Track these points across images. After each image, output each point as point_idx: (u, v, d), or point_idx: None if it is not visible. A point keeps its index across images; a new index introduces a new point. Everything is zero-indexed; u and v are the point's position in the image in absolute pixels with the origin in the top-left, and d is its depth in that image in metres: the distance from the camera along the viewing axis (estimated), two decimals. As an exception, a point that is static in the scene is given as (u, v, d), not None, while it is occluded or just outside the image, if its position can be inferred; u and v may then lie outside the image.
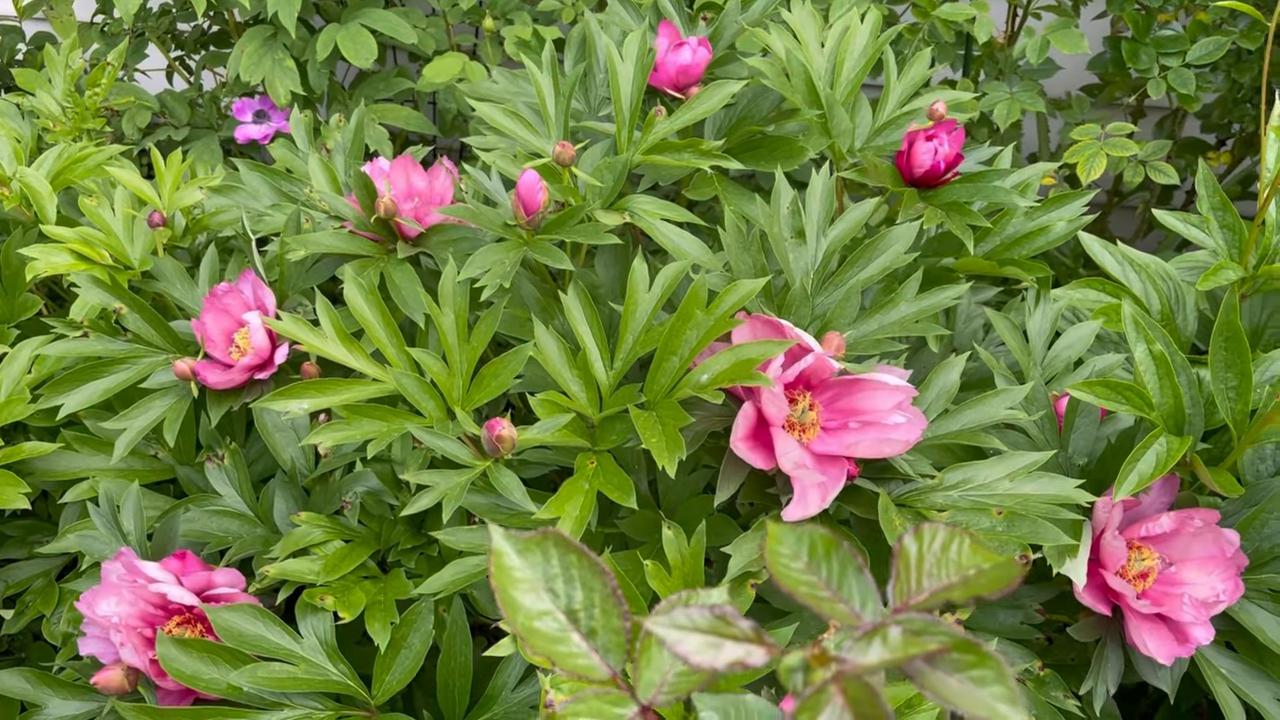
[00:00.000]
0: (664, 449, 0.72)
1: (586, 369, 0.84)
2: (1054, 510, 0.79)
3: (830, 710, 0.31)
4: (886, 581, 0.37)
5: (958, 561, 0.38)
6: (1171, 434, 0.86)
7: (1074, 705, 0.87)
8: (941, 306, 0.86)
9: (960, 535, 0.38)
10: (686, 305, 0.80)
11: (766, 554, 0.37)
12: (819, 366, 0.79)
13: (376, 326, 0.82)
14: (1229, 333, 0.85)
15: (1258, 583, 0.89)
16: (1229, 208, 1.05)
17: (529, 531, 0.43)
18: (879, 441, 0.78)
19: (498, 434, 0.74)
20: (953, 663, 0.34)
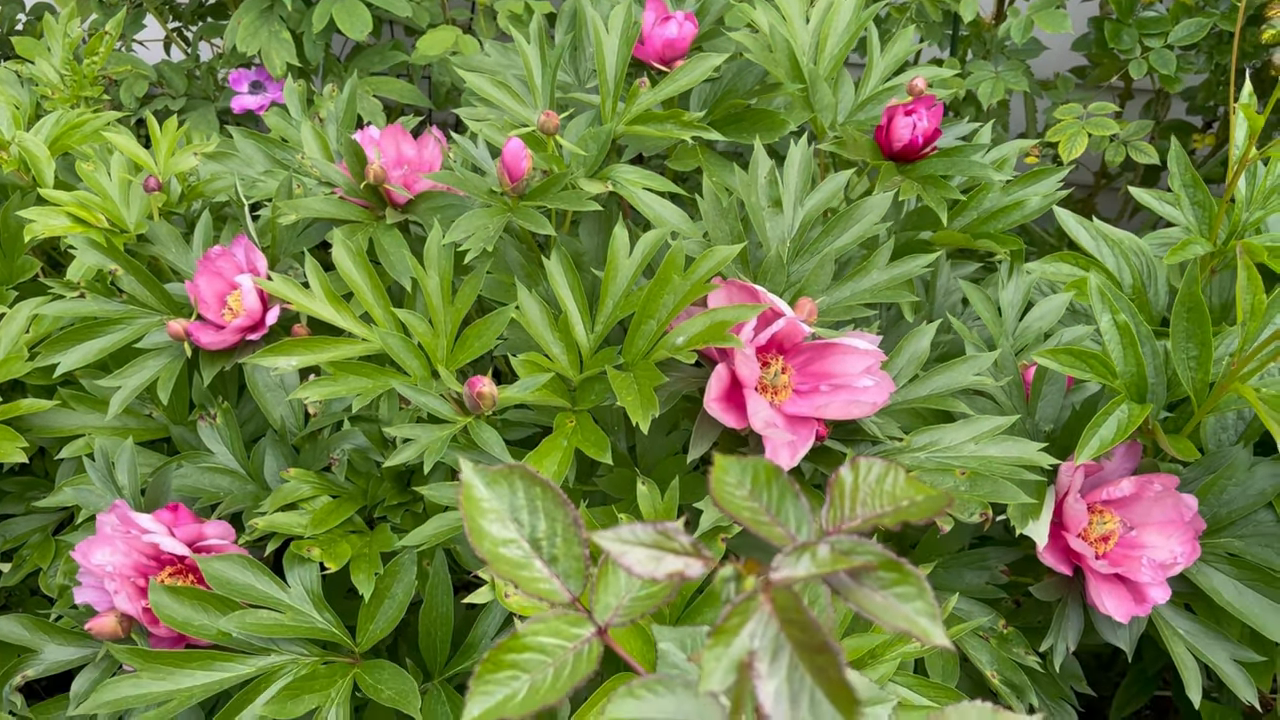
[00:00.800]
0: (638, 407, 0.75)
1: (568, 332, 0.86)
2: (1016, 472, 0.82)
3: (759, 616, 0.34)
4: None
5: (891, 492, 0.41)
6: (1134, 402, 0.89)
7: (1035, 662, 0.90)
8: (912, 275, 0.88)
9: (895, 469, 0.41)
10: (664, 270, 0.82)
11: (713, 482, 0.40)
12: (791, 331, 0.82)
13: (364, 288, 0.84)
14: (1191, 304, 0.88)
15: (1215, 546, 0.92)
16: (1200, 185, 1.07)
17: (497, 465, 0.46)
18: (848, 403, 0.81)
19: (478, 391, 0.77)
20: (879, 579, 0.36)
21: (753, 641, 0.33)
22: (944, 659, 0.87)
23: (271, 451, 0.97)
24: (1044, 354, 0.86)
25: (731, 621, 0.33)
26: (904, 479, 0.41)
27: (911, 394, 0.89)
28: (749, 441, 0.85)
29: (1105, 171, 1.92)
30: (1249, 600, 0.90)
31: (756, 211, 0.89)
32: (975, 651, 0.89)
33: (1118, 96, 1.96)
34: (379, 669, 0.81)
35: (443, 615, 0.84)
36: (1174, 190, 1.07)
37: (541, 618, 0.43)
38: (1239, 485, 0.92)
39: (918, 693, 0.78)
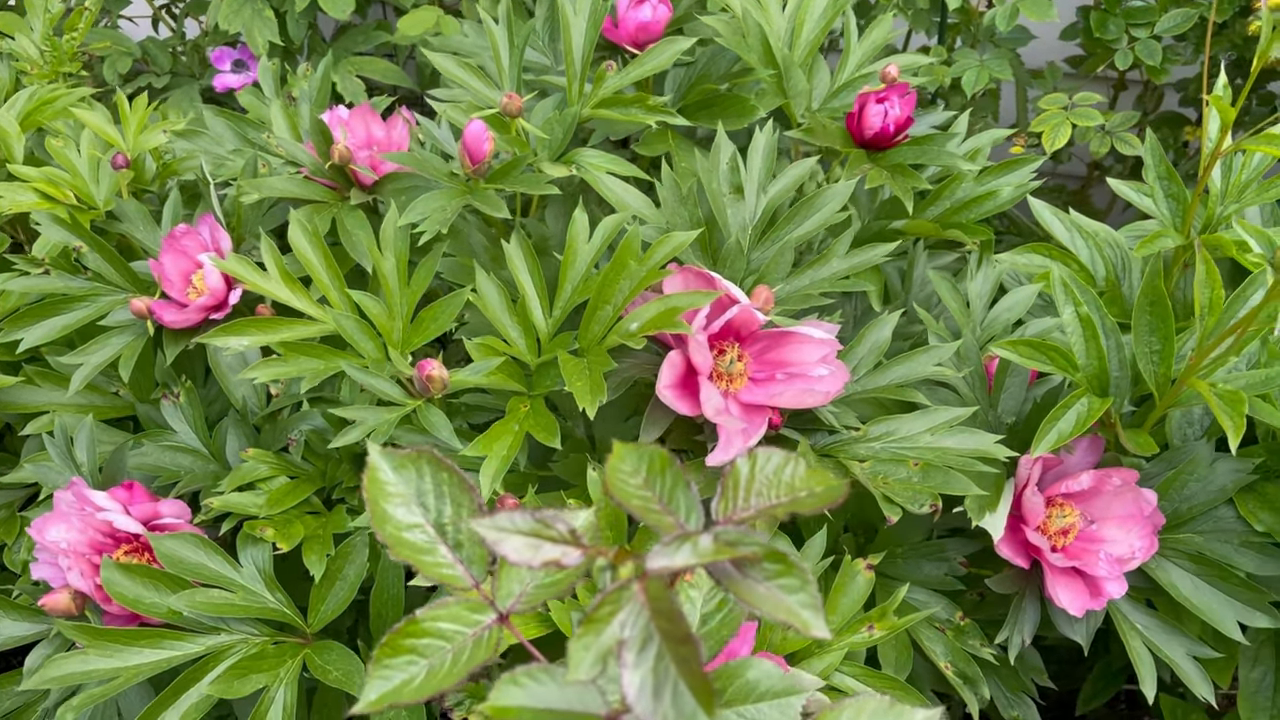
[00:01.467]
0: (587, 392, 0.75)
1: (525, 315, 0.86)
2: (969, 463, 0.82)
3: (631, 606, 0.33)
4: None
5: (789, 483, 0.40)
6: (1095, 395, 0.88)
7: (990, 653, 0.89)
8: (871, 263, 0.88)
9: (795, 459, 0.41)
10: (620, 255, 0.82)
11: (608, 470, 0.39)
12: (745, 318, 0.82)
13: (319, 268, 0.84)
14: (1154, 297, 0.87)
15: (1175, 542, 0.91)
16: (1174, 177, 1.06)
17: (404, 449, 0.46)
18: (801, 392, 0.81)
19: (427, 374, 0.76)
20: (763, 570, 0.36)
21: (623, 631, 0.33)
22: (897, 650, 0.86)
23: (233, 431, 0.97)
24: (1003, 345, 0.86)
25: (603, 610, 0.33)
26: (803, 469, 0.41)
27: (871, 383, 0.89)
28: (704, 429, 0.85)
29: (1099, 164, 1.91)
30: (1206, 596, 0.89)
31: (717, 198, 0.88)
32: (930, 643, 0.88)
33: (1111, 87, 1.95)
34: (328, 650, 0.81)
35: (394, 597, 0.84)
36: (1148, 182, 1.06)
37: (442, 603, 0.43)
38: (1200, 481, 0.91)
39: (864, 683, 0.77)
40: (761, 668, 0.50)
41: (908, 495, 0.78)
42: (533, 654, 0.43)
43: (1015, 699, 1.01)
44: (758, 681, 0.49)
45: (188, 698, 0.77)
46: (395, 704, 0.41)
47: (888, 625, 0.79)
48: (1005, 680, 1.01)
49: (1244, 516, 0.89)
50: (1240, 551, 0.89)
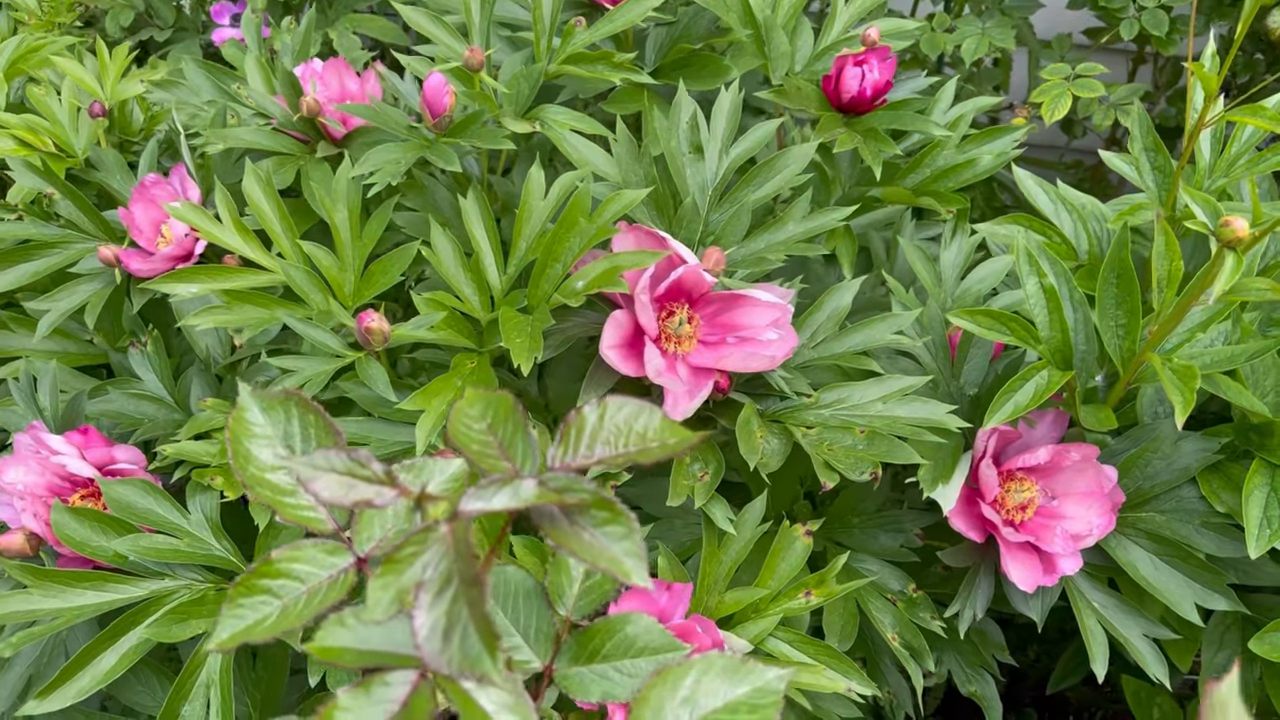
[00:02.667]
0: (524, 349, 0.74)
1: (479, 272, 0.85)
2: (919, 432, 0.81)
3: (436, 547, 0.33)
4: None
5: (641, 433, 0.40)
6: (1057, 369, 0.86)
7: (939, 626, 0.88)
8: (827, 228, 0.86)
9: (650, 411, 0.40)
10: (569, 213, 0.81)
11: (453, 415, 0.39)
12: (694, 280, 0.81)
13: (272, 219, 0.84)
14: (1120, 270, 0.85)
15: (1137, 520, 0.90)
16: (1160, 148, 1.03)
17: (276, 390, 0.45)
18: (747, 356, 0.80)
19: (365, 326, 0.76)
20: (590, 517, 0.36)
21: (424, 573, 0.32)
22: (843, 619, 0.86)
23: (197, 381, 0.98)
24: (961, 314, 0.84)
25: (406, 551, 0.33)
26: (658, 420, 0.40)
27: (828, 350, 0.88)
28: (651, 391, 0.84)
29: (1115, 139, 1.87)
30: (1165, 576, 0.87)
31: (675, 157, 0.87)
32: (878, 613, 0.88)
33: (1130, 60, 1.90)
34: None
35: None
36: (1133, 154, 1.04)
37: (298, 545, 0.43)
38: (1164, 459, 0.89)
39: (798, 649, 0.77)
40: (641, 623, 0.49)
41: (850, 462, 0.77)
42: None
43: (974, 674, 1.00)
44: (636, 637, 0.49)
45: (127, 640, 0.78)
46: (247, 641, 0.41)
47: (825, 592, 0.78)
48: (965, 655, 1.00)
49: (1206, 497, 0.87)
50: (1201, 532, 0.87)
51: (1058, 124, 1.93)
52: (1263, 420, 0.86)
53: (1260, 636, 0.84)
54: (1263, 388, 0.90)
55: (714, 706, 0.40)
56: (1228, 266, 0.68)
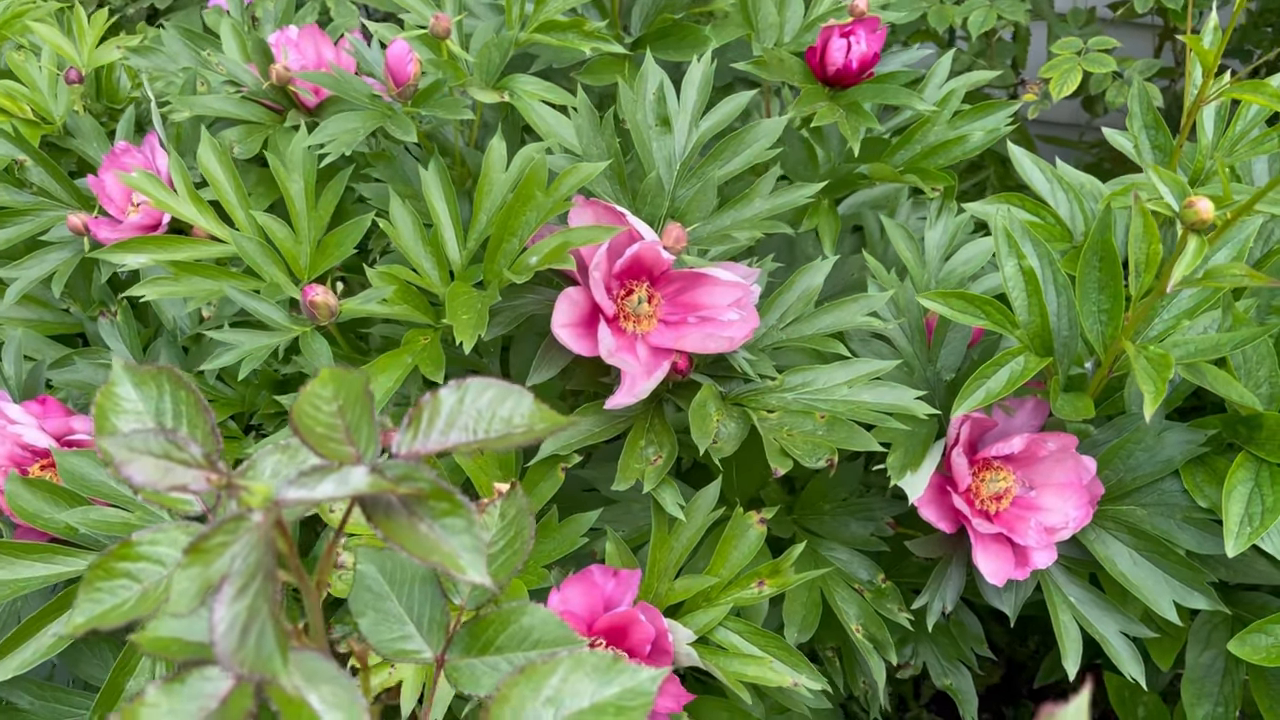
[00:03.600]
0: (468, 326, 0.72)
1: (438, 246, 0.83)
2: (882, 418, 0.78)
3: (247, 537, 0.31)
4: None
5: (506, 418, 0.38)
6: (1037, 354, 0.83)
7: (906, 618, 0.86)
8: (795, 204, 0.83)
9: (519, 394, 0.38)
10: (525, 186, 0.79)
11: (302, 394, 0.37)
12: (652, 257, 0.78)
13: (227, 188, 0.82)
14: (1103, 252, 0.81)
15: (1117, 514, 0.86)
16: (1161, 126, 0.99)
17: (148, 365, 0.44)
18: (705, 336, 0.77)
19: (311, 299, 0.75)
20: (428, 509, 0.34)
21: (233, 564, 0.30)
22: (805, 609, 0.83)
23: (166, 351, 0.97)
24: (933, 296, 0.81)
25: (215, 540, 0.31)
26: (528, 404, 0.38)
27: (799, 331, 0.85)
28: (611, 371, 0.82)
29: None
30: (1143, 573, 0.84)
31: (640, 130, 0.84)
32: (843, 603, 0.85)
33: (1156, 36, 1.84)
34: (219, 574, 0.80)
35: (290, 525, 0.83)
36: (1132, 131, 0.99)
37: (161, 528, 0.41)
38: (1147, 450, 0.86)
39: (748, 640, 0.74)
40: (537, 615, 0.47)
41: (807, 448, 0.75)
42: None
43: (950, 667, 0.97)
44: (531, 629, 0.47)
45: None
46: (101, 626, 0.40)
47: (780, 582, 0.76)
48: (942, 647, 0.97)
49: (1189, 490, 0.83)
50: (1182, 527, 0.84)
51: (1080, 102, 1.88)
52: (1251, 412, 0.82)
53: (1241, 637, 0.81)
54: (1255, 378, 0.86)
55: (579, 707, 0.38)
56: (1190, 250, 0.64)
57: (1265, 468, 0.80)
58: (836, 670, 0.95)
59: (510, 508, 0.49)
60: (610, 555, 0.75)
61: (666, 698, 0.71)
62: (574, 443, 0.77)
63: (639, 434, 0.78)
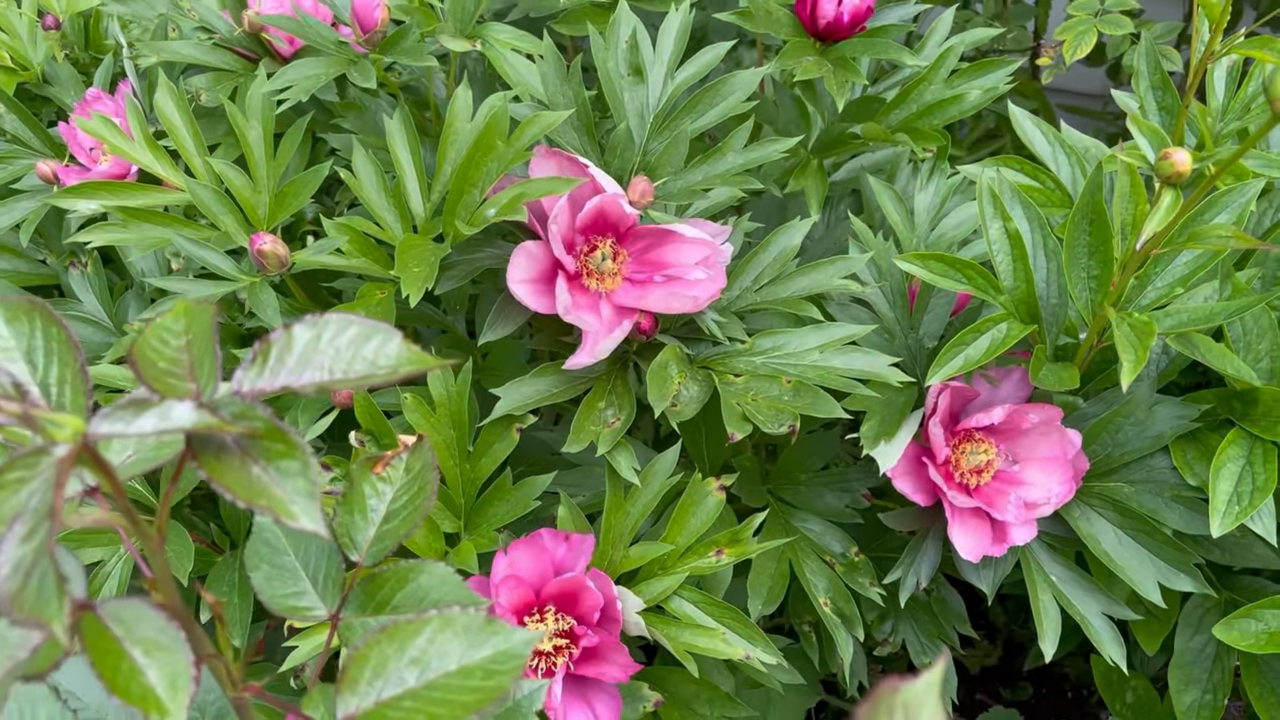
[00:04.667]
0: (417, 278, 0.70)
1: (401, 198, 0.81)
2: (852, 385, 0.74)
3: (46, 475, 0.28)
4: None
5: (370, 358, 0.35)
6: (1021, 321, 0.79)
7: (877, 593, 0.83)
8: (769, 159, 0.80)
9: (387, 334, 0.35)
10: (486, 136, 0.76)
11: (149, 329, 0.34)
12: (615, 211, 0.75)
13: (184, 134, 0.80)
14: (1093, 215, 0.77)
15: (1103, 490, 0.83)
16: (1169, 87, 0.94)
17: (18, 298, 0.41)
18: (667, 296, 0.74)
19: (259, 249, 0.72)
20: (262, 449, 0.31)
21: (29, 501, 0.28)
22: (770, 581, 0.80)
23: (135, 303, 0.95)
24: (911, 258, 0.77)
25: (12, 475, 0.28)
26: (395, 345, 0.35)
27: (773, 293, 0.82)
28: (574, 331, 0.79)
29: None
30: (1127, 552, 0.80)
31: (611, 80, 0.81)
32: (812, 576, 0.82)
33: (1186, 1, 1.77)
34: (169, 530, 0.78)
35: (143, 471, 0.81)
36: (1138, 93, 0.95)
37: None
38: (1137, 425, 0.82)
39: (703, 610, 0.72)
40: (436, 573, 0.45)
41: (771, 414, 0.71)
42: (124, 538, 0.39)
43: (931, 645, 0.94)
44: (429, 589, 0.44)
45: (19, 564, 0.76)
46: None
47: (738, 551, 0.73)
48: (923, 625, 0.94)
49: (1178, 468, 0.79)
50: (1170, 506, 0.80)
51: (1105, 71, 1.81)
52: (1246, 387, 0.78)
53: (1228, 622, 0.77)
54: (1255, 351, 0.82)
55: (446, 669, 0.36)
56: (1164, 205, 0.60)
57: (1259, 445, 0.76)
58: (812, 645, 0.92)
59: (415, 462, 0.47)
60: (563, 519, 0.73)
61: (614, 667, 0.69)
62: (529, 403, 0.74)
63: (598, 395, 0.75)
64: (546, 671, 0.69)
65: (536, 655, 0.69)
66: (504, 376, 0.76)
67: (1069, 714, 1.39)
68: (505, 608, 0.68)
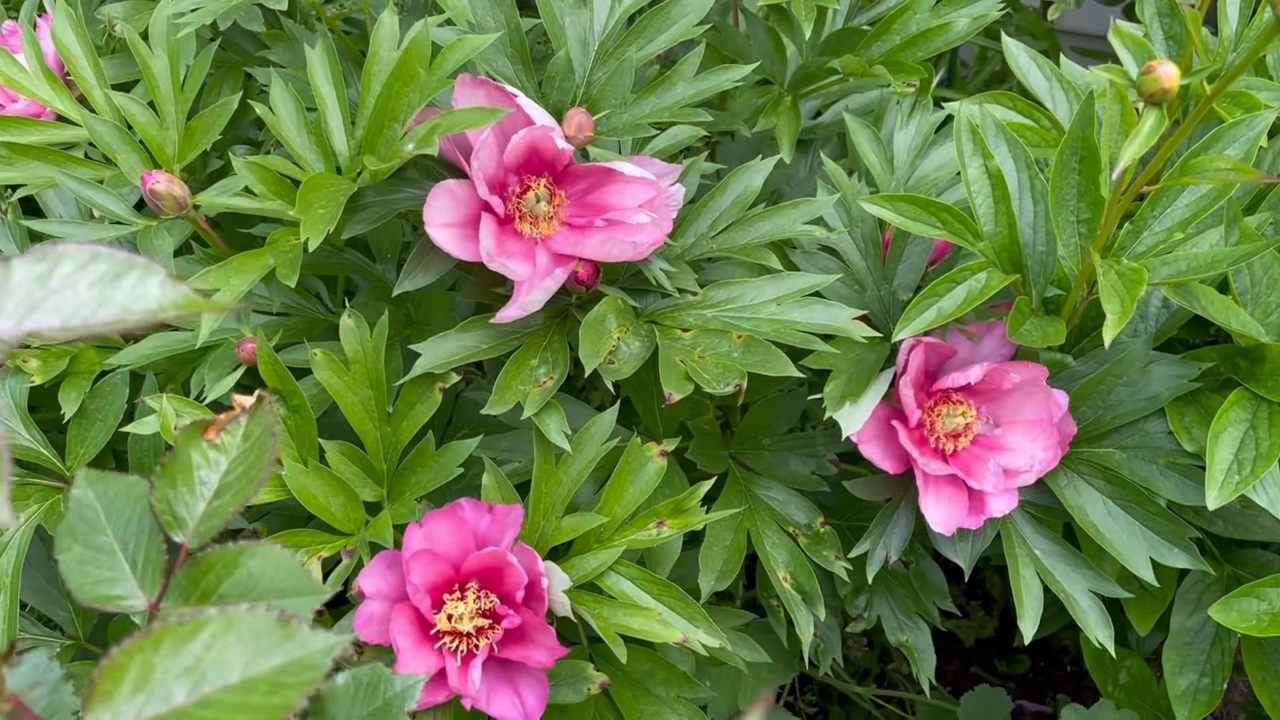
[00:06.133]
0: (319, 220, 0.63)
1: (321, 134, 0.73)
2: (810, 340, 0.67)
3: None
4: None
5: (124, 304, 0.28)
6: (1003, 270, 0.71)
7: (842, 567, 0.76)
8: (722, 88, 0.72)
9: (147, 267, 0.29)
10: (406, 63, 0.68)
11: None
12: (546, 147, 0.67)
13: (83, 65, 0.73)
14: (1083, 152, 0.69)
15: (1093, 457, 0.75)
16: (1176, 14, 0.86)
17: None
18: (605, 241, 0.67)
19: (151, 188, 0.65)
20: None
21: None
22: (724, 554, 0.74)
23: (55, 255, 0.89)
24: (878, 200, 0.70)
25: None
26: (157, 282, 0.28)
27: (730, 240, 0.74)
28: (507, 281, 0.72)
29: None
30: (1117, 524, 0.73)
31: (548, 2, 0.73)
32: (773, 549, 0.75)
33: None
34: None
35: (154, 440, 0.75)
36: (1143, 20, 0.86)
37: None
38: (1130, 386, 0.74)
39: (640, 587, 0.65)
40: (269, 557, 0.38)
41: (718, 372, 0.64)
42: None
43: (908, 622, 0.87)
44: (261, 575, 0.38)
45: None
46: None
47: (681, 522, 0.66)
48: (900, 600, 0.88)
49: (1175, 432, 0.72)
50: (1165, 474, 0.72)
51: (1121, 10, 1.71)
52: (1252, 343, 0.70)
53: (1226, 602, 0.70)
54: (1264, 304, 0.74)
55: (226, 682, 0.29)
56: (1147, 127, 0.52)
57: (1264, 407, 0.69)
58: (780, 622, 0.85)
59: (255, 426, 0.40)
60: (488, 488, 0.66)
61: (540, 650, 0.62)
62: (453, 360, 0.67)
63: (531, 352, 0.68)
64: (468, 655, 0.63)
65: (456, 637, 0.63)
66: (437, 332, 0.70)
67: (1068, 688, 1.33)
68: (418, 586, 0.61)
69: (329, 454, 0.68)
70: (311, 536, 0.67)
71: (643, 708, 0.73)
